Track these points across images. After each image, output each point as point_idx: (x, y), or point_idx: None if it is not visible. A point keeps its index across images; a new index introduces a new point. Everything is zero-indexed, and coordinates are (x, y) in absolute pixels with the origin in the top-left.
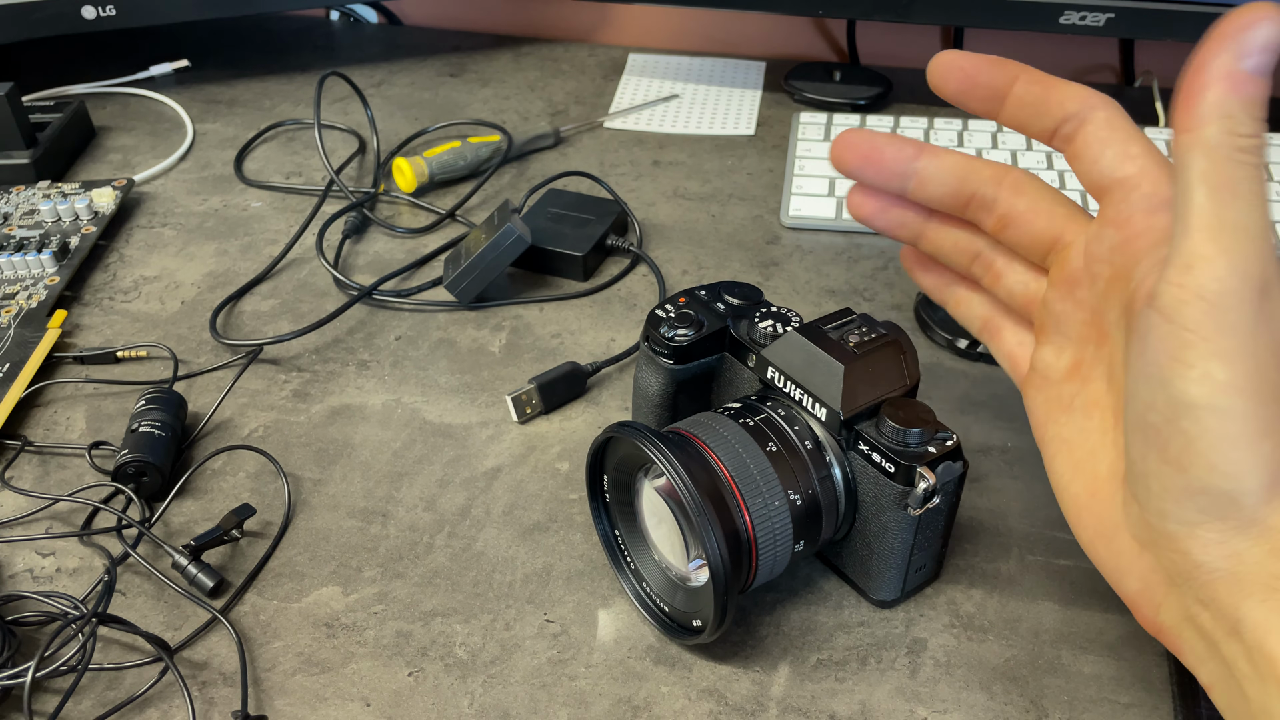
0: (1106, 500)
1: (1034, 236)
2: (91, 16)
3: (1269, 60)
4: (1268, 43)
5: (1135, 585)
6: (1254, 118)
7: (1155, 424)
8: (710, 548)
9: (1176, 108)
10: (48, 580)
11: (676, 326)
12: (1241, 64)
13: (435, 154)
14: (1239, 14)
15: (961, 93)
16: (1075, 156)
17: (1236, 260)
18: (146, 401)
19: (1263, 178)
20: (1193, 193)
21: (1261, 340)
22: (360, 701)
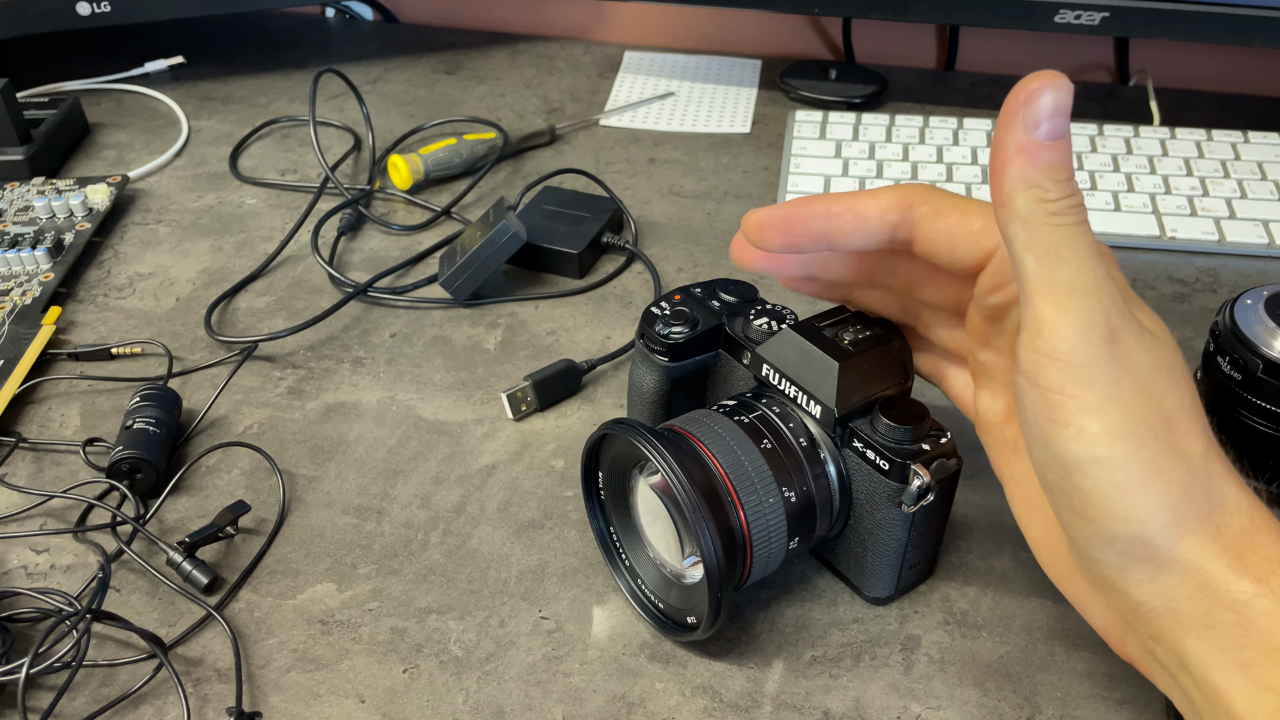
0: (1059, 541)
1: (940, 298)
2: (86, 13)
3: (1060, 124)
4: (1053, 109)
5: (1099, 621)
6: (1059, 181)
7: (1054, 481)
8: (705, 544)
9: (990, 184)
10: (42, 577)
11: (671, 324)
12: (1034, 134)
13: (431, 151)
14: (1020, 87)
15: (787, 245)
16: (927, 254)
17: (1077, 318)
18: (141, 398)
19: (1085, 233)
20: (1023, 262)
21: (1125, 385)
22: (355, 698)
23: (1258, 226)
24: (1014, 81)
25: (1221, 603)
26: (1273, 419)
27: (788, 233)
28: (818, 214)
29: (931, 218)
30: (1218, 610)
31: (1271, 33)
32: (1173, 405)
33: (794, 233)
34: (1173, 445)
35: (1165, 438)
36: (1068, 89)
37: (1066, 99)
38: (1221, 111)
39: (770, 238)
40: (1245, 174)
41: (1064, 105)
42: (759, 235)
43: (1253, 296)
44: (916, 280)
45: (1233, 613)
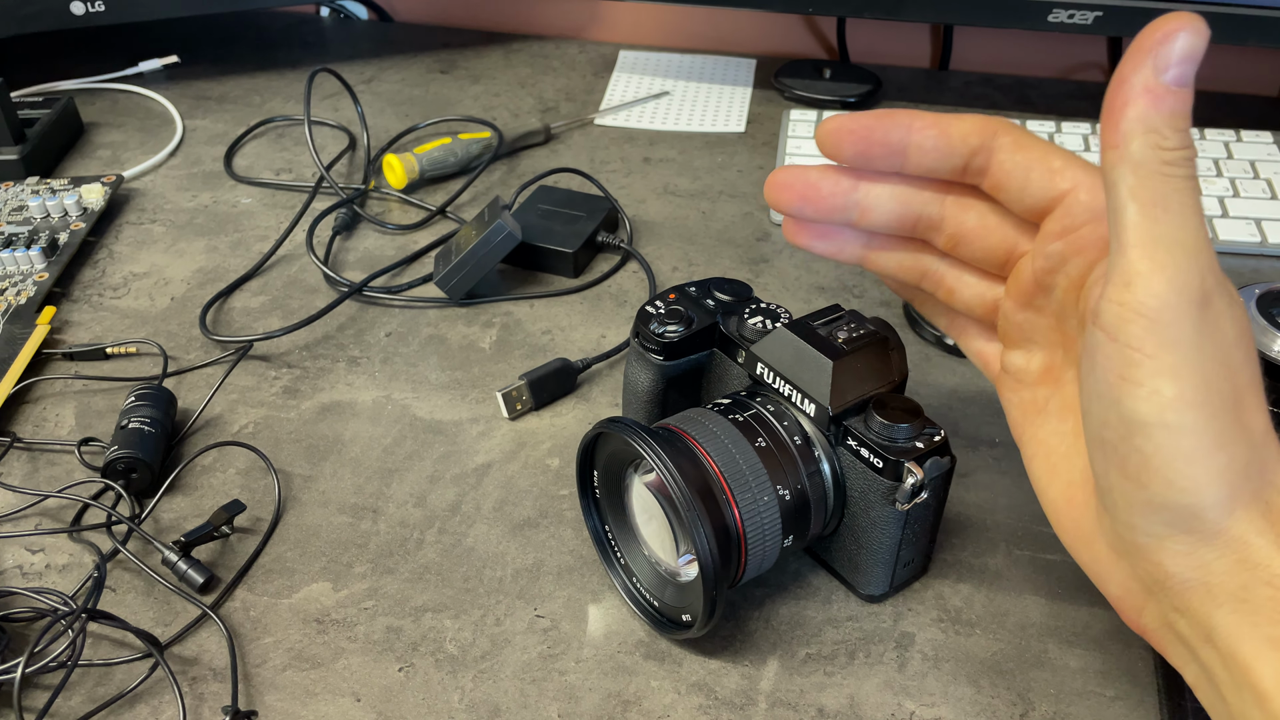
0: (1082, 506)
1: (988, 251)
2: (80, 13)
3: (1189, 71)
4: (1186, 53)
5: (1116, 590)
6: (1178, 130)
7: (1111, 441)
8: (699, 543)
9: (1102, 125)
10: (37, 577)
11: (666, 323)
12: (1162, 77)
13: (426, 150)
14: (1156, 26)
15: (859, 154)
16: (998, 187)
17: (1173, 275)
18: (136, 398)
19: (1194, 189)
20: (1124, 210)
21: (1207, 352)
22: (350, 697)
23: (1250, 225)
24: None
25: (1261, 577)
26: None
27: (866, 139)
28: (900, 124)
29: (1012, 148)
30: (1255, 585)
31: (1264, 32)
32: (1245, 379)
33: (873, 139)
34: (1240, 419)
35: (1235, 410)
36: (1204, 35)
37: (1202, 45)
38: (1214, 110)
39: (848, 143)
40: (1238, 172)
41: (1198, 52)
42: (835, 140)
43: (1244, 295)
44: (965, 233)
45: (1271, 587)
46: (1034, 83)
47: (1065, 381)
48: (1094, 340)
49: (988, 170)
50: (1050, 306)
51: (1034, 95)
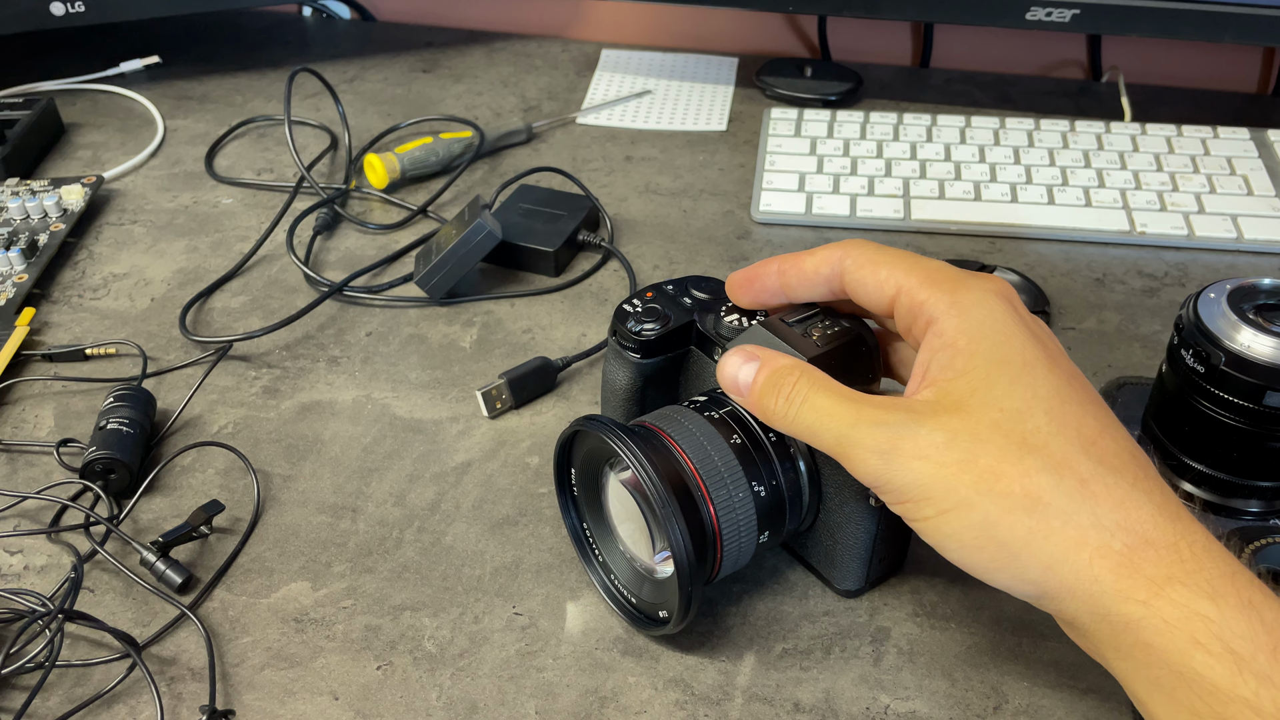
0: None
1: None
2: (60, 13)
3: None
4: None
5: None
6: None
7: None
8: (674, 539)
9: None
10: (15, 578)
11: (643, 321)
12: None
13: (407, 150)
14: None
15: (754, 300)
16: (854, 299)
17: None
18: (115, 399)
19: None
20: None
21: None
22: (329, 695)
23: (1226, 221)
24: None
25: (1117, 626)
26: (1234, 410)
27: (750, 289)
28: (770, 273)
29: (853, 269)
30: (1117, 633)
31: (1239, 29)
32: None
33: (755, 289)
34: (1038, 500)
35: (1026, 511)
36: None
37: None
38: (1192, 107)
39: (743, 293)
40: (1214, 169)
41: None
42: (736, 294)
43: (1216, 290)
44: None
45: (1129, 634)
46: (1014, 80)
47: None
48: None
49: (844, 289)
50: None
51: (1014, 92)
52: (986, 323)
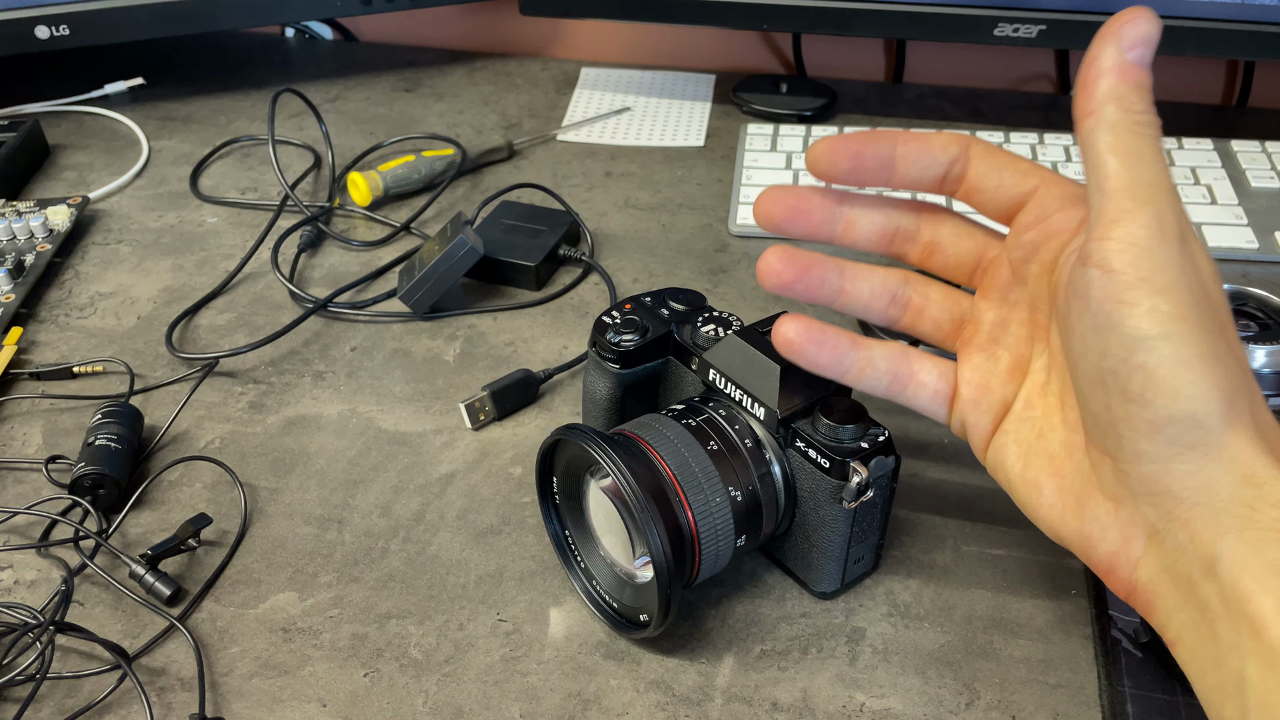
0: (1071, 471)
1: (960, 258)
2: (45, 36)
3: (1147, 53)
4: (1145, 37)
5: (1111, 546)
6: (1144, 98)
7: (1112, 368)
8: (653, 544)
9: (1076, 98)
10: (6, 592)
11: (622, 332)
12: (1126, 55)
13: (390, 168)
14: (1116, 18)
15: (853, 170)
16: (973, 189)
17: (1156, 210)
18: (103, 415)
19: (1161, 148)
20: (1105, 162)
21: (1191, 278)
22: (316, 703)
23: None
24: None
25: (1266, 497)
26: None
27: (858, 154)
28: (886, 140)
29: (985, 154)
30: (1261, 505)
31: (1200, 42)
32: (1224, 314)
33: (864, 155)
34: (1227, 342)
35: (1221, 333)
36: (1158, 24)
37: (1156, 32)
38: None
39: (841, 159)
40: (1179, 179)
41: (1153, 37)
42: (829, 159)
43: None
44: (938, 240)
45: (1275, 509)
46: (985, 94)
47: (1032, 370)
48: (1085, 280)
49: (964, 176)
50: (1023, 299)
51: (985, 107)
52: None
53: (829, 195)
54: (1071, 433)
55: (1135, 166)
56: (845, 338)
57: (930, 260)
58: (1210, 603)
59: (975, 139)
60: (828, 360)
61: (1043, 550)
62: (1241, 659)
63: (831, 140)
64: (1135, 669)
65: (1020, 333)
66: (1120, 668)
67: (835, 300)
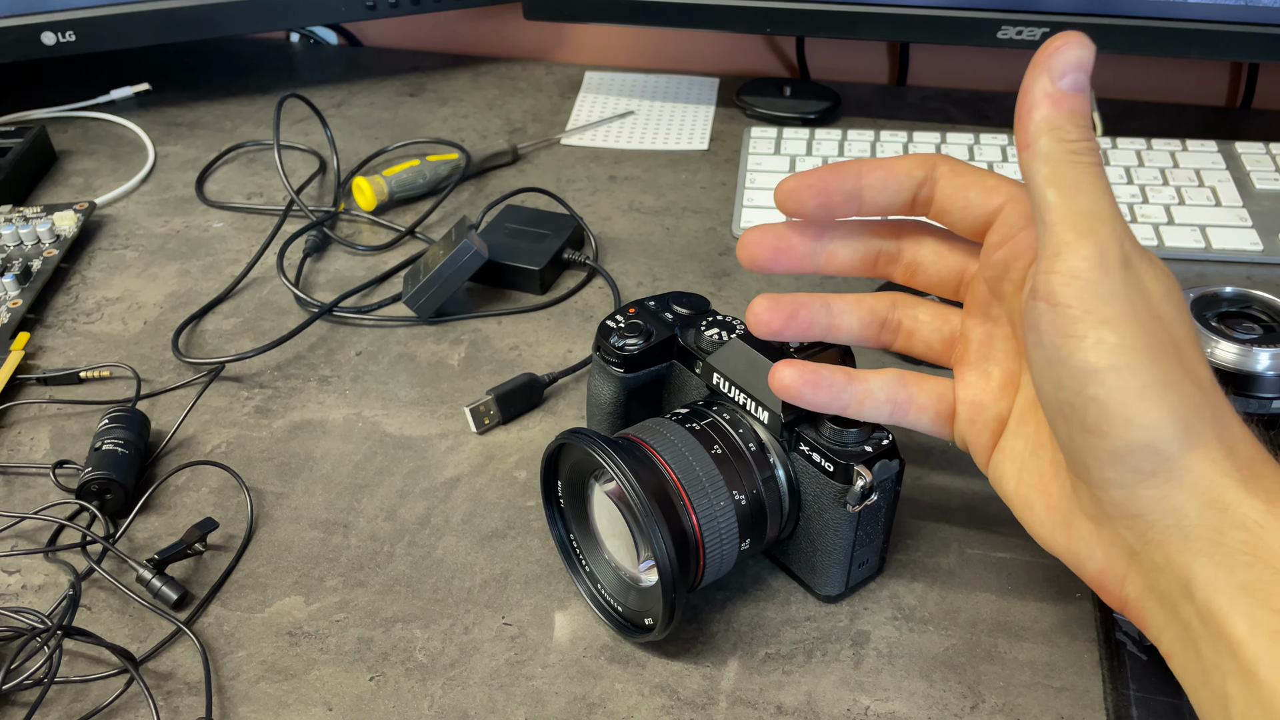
0: (1057, 493)
1: (941, 276)
2: (51, 42)
3: (1082, 78)
4: (1076, 62)
5: (1098, 564)
6: (1079, 126)
7: (1068, 400)
8: (658, 548)
9: (1016, 131)
10: (14, 597)
11: (626, 336)
12: (1058, 84)
13: (394, 172)
14: (1048, 45)
15: (820, 205)
16: (943, 210)
17: (1096, 241)
18: (110, 420)
19: (1101, 173)
20: (1044, 195)
21: (1138, 305)
22: (323, 706)
23: (1195, 231)
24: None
25: (1232, 520)
26: None
27: (823, 191)
28: (850, 172)
29: (950, 175)
30: (1228, 528)
31: (1205, 45)
32: (1180, 332)
33: (829, 190)
34: (1182, 364)
35: (1175, 356)
36: (1090, 48)
37: (1089, 56)
38: (1161, 121)
39: (807, 197)
40: (1183, 181)
41: (1086, 62)
42: (795, 198)
43: None
44: (919, 260)
45: (1243, 531)
46: (989, 97)
47: (1023, 384)
48: (1035, 313)
49: (932, 199)
50: (1004, 314)
51: (989, 109)
52: None
53: (808, 230)
54: (1058, 451)
55: (1074, 197)
56: (840, 375)
57: (915, 279)
58: (1191, 622)
59: (943, 158)
60: (825, 399)
61: (1047, 554)
62: (1224, 678)
63: (796, 179)
64: (1140, 672)
65: (1007, 348)
66: (1125, 671)
67: (827, 336)
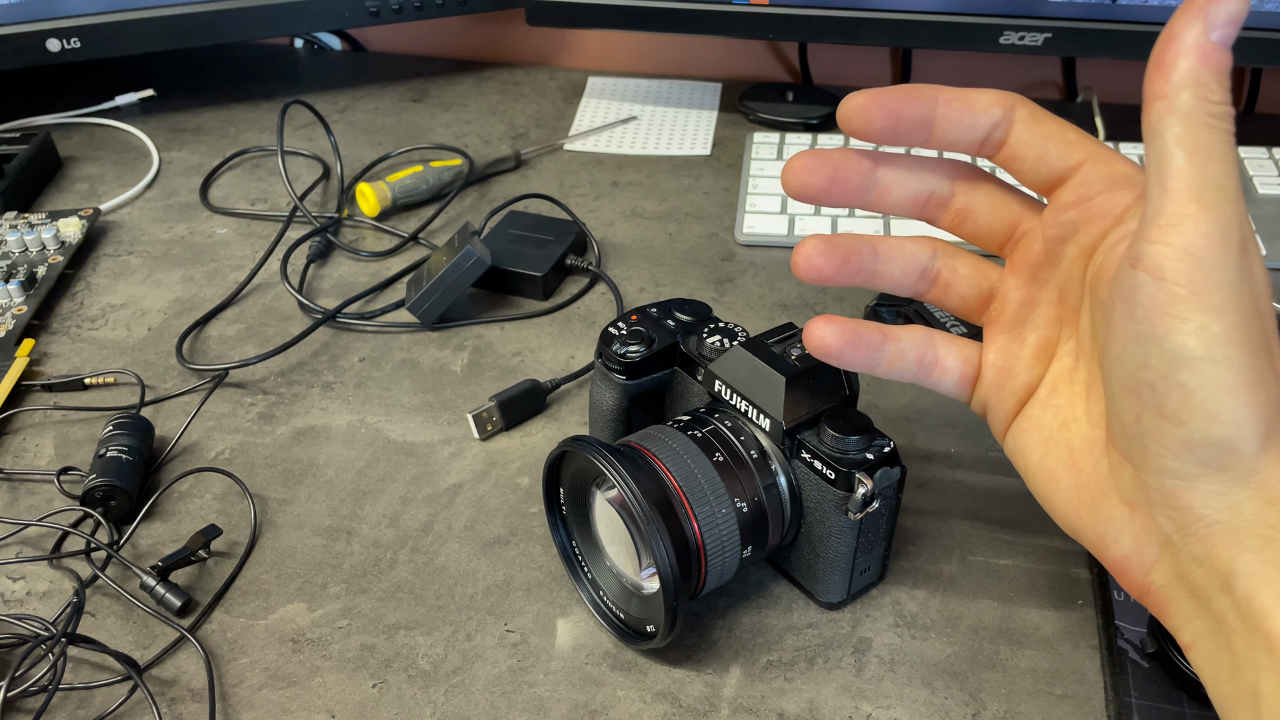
0: (1089, 468)
1: (992, 227)
2: (56, 49)
3: (1232, 34)
4: (1232, 16)
5: (1124, 549)
6: (1223, 86)
7: (1150, 381)
8: (659, 555)
9: (1149, 77)
10: (18, 604)
11: (628, 343)
12: (1210, 35)
13: (398, 178)
14: None
15: (889, 129)
16: (1013, 157)
17: (1219, 218)
18: (114, 427)
19: (1234, 144)
20: (1171, 156)
21: (1245, 294)
22: (326, 713)
23: None
24: None
25: None
26: None
27: (895, 114)
28: (927, 97)
29: (1029, 120)
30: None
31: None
32: (1271, 328)
33: (902, 114)
34: (1272, 362)
35: (1268, 353)
36: (1247, 4)
37: (1244, 11)
38: None
39: (877, 117)
40: None
41: (1241, 16)
42: (864, 115)
43: None
44: (972, 207)
45: None
46: None
47: (1060, 355)
48: (1134, 283)
49: (1005, 142)
50: (1054, 279)
51: None
52: None
53: (865, 159)
54: (1094, 427)
55: (1204, 165)
56: (876, 333)
57: (962, 227)
58: (1225, 616)
59: (1022, 100)
60: (863, 358)
61: (1050, 560)
62: (1257, 673)
63: (868, 95)
64: (1142, 680)
65: (1048, 314)
66: (1127, 679)
67: (868, 282)
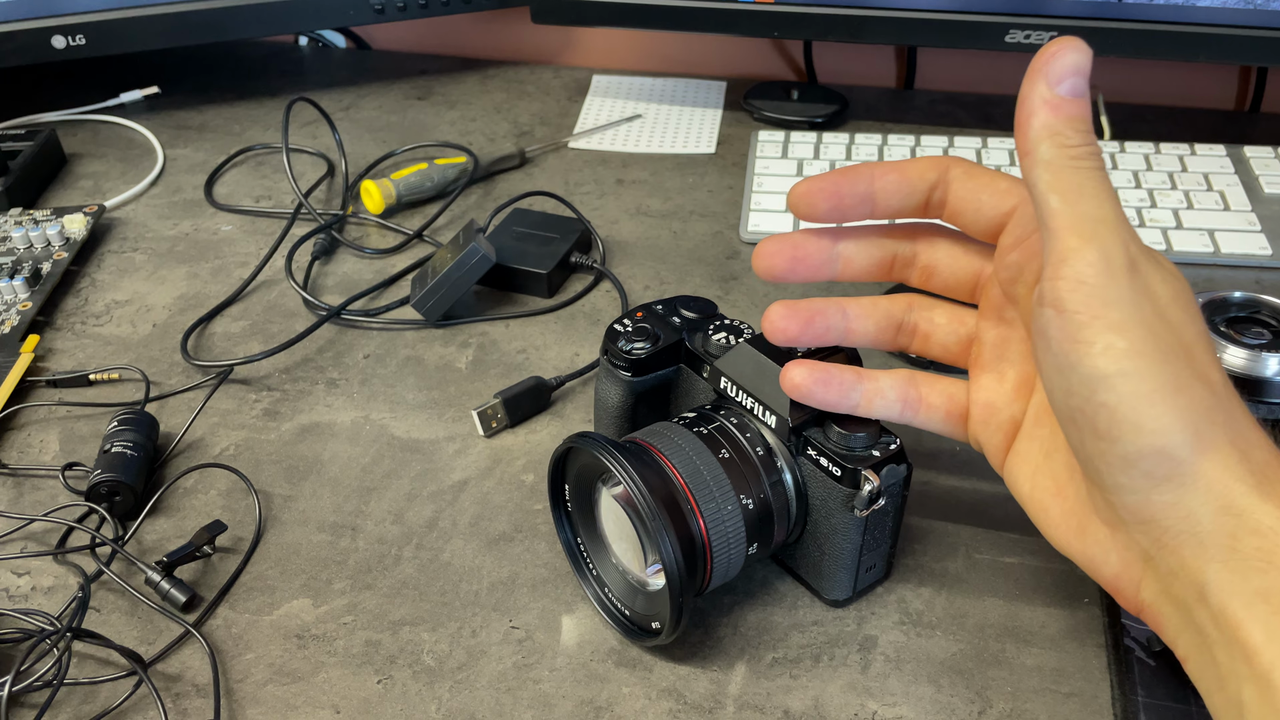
0: (1073, 497)
1: (957, 278)
2: (61, 46)
3: (1080, 83)
4: (1074, 67)
5: (1114, 569)
6: (1079, 131)
7: (1078, 406)
8: (665, 552)
9: (1016, 137)
10: (23, 599)
11: (634, 340)
12: (1057, 90)
13: (402, 176)
14: (1045, 50)
15: (834, 209)
16: (956, 213)
17: (1101, 245)
18: (119, 423)
19: (1103, 177)
20: (1047, 201)
21: (1146, 309)
22: (330, 709)
23: (1203, 235)
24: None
25: (1246, 525)
26: None
27: (836, 194)
28: (863, 175)
29: (964, 177)
30: (1242, 534)
31: (1213, 49)
32: (1191, 335)
33: (841, 194)
34: (1193, 368)
35: (1185, 359)
36: (1086, 52)
37: (1085, 60)
38: (1170, 125)
39: (819, 200)
40: (1191, 185)
41: (1084, 66)
42: (808, 201)
43: None
44: (935, 264)
45: (1258, 537)
46: (997, 100)
47: (1038, 388)
48: (1043, 320)
49: (946, 201)
50: (1018, 317)
51: (996, 113)
52: None
53: (823, 237)
54: (1072, 455)
55: (1077, 202)
56: (850, 373)
57: (930, 282)
58: (1205, 628)
59: (956, 160)
60: (835, 397)
61: (1056, 558)
62: (1239, 684)
63: (808, 183)
64: (1148, 678)
65: (1021, 350)
66: (1133, 677)
67: (843, 340)
